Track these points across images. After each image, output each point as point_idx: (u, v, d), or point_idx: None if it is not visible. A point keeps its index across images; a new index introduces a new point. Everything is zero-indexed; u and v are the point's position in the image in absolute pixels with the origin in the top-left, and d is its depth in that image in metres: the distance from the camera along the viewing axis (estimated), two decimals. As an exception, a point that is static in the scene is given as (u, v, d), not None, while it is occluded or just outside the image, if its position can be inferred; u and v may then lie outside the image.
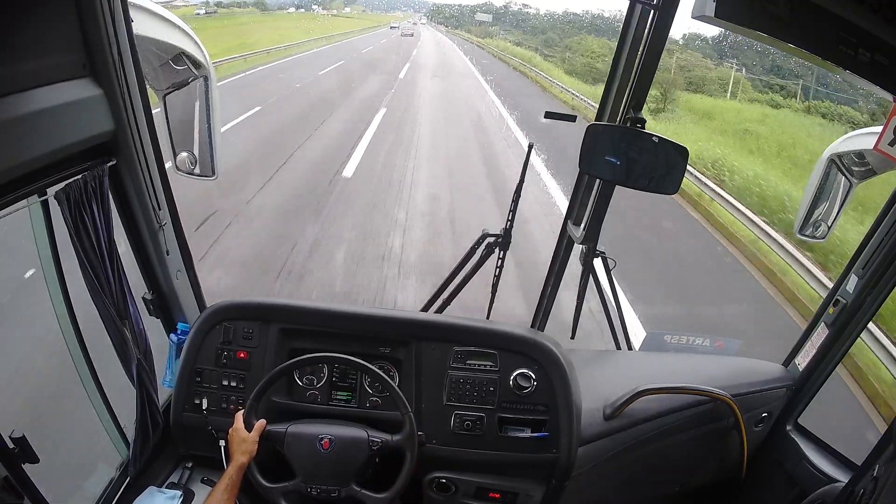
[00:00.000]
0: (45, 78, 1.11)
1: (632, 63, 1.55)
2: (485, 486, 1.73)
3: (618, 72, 1.61)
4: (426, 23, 46.58)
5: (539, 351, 1.69)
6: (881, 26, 1.01)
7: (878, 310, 1.71)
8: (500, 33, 35.53)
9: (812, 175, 2.00)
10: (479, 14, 38.41)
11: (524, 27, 35.33)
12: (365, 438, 1.55)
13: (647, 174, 1.49)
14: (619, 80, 1.61)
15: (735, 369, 2.03)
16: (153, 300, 1.68)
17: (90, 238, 1.32)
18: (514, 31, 35.25)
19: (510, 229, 1.91)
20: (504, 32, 35.40)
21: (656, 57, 1.47)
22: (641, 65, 1.48)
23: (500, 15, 37.41)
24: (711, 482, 2.03)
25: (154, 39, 1.41)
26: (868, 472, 1.34)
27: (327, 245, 5.43)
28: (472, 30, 39.07)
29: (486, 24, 37.40)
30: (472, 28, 39.48)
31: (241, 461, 1.48)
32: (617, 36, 1.63)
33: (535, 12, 37.07)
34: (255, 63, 16.26)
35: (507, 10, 37.38)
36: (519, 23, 36.26)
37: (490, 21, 37.04)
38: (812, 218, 2.02)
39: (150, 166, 1.47)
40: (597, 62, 19.88)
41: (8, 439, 1.18)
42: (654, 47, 1.45)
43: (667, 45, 1.47)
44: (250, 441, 1.51)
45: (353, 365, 1.60)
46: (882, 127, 1.32)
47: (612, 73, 1.64)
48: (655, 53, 1.46)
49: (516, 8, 37.30)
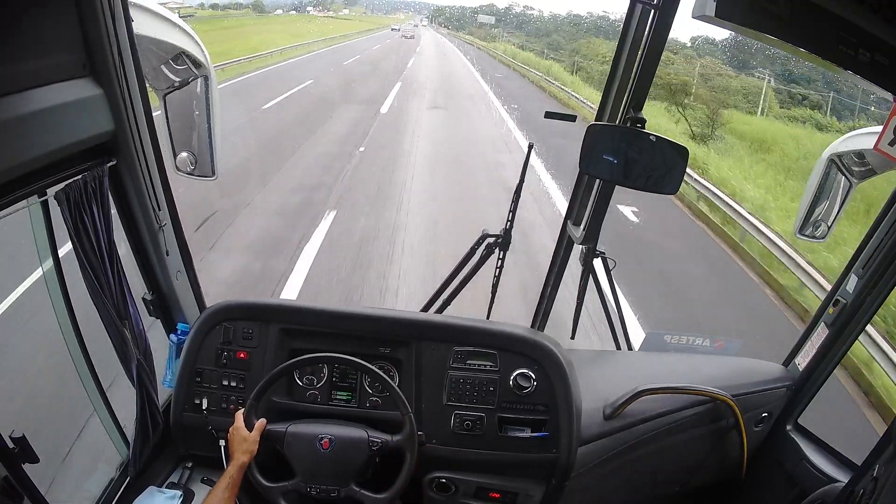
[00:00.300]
0: (45, 78, 1.11)
1: (632, 63, 1.55)
2: (485, 485, 1.72)
3: (618, 72, 1.61)
4: (427, 24, 45.54)
5: (539, 351, 1.69)
6: (881, 26, 1.01)
7: (878, 310, 1.71)
8: (503, 35, 34.44)
9: (812, 175, 2.00)
10: (481, 16, 37.50)
11: (528, 29, 34.48)
12: (365, 438, 1.55)
13: (646, 174, 1.49)
14: (619, 80, 1.61)
15: (735, 369, 2.03)
16: (153, 300, 1.68)
17: (90, 238, 1.32)
18: (517, 33, 34.34)
19: (510, 229, 1.91)
20: (507, 35, 34.47)
21: (656, 57, 1.47)
22: (641, 65, 1.48)
23: (502, 16, 36.61)
24: (711, 482, 2.03)
25: (154, 39, 1.41)
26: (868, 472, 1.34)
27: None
28: (474, 32, 37.91)
29: (488, 25, 36.41)
30: (475, 30, 38.33)
31: (241, 460, 1.48)
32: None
33: (538, 14, 36.31)
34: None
35: (510, 12, 36.67)
36: (522, 24, 35.47)
37: (493, 23, 36.13)
38: (812, 218, 2.02)
39: (150, 166, 1.47)
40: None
41: (8, 439, 1.18)
42: (654, 47, 1.45)
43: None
44: (251, 440, 1.50)
45: (353, 365, 1.60)
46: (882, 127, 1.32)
47: (612, 73, 1.64)
48: (655, 53, 1.46)
49: (519, 9, 36.60)
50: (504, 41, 33.29)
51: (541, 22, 34.49)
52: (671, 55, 16.38)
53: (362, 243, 5.48)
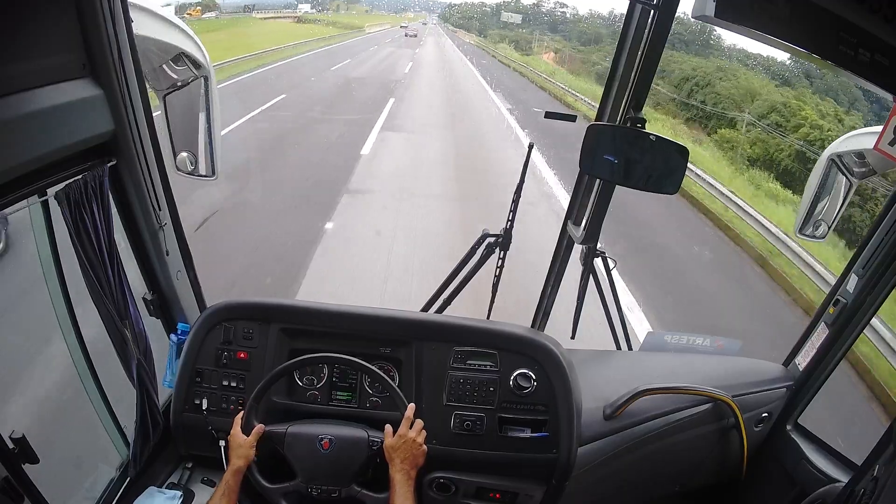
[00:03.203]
0: (46, 78, 1.11)
1: (632, 63, 1.55)
2: (485, 486, 1.73)
3: (618, 72, 1.61)
4: (436, 23, 38.22)
5: (539, 351, 1.69)
6: (881, 26, 1.01)
7: (878, 310, 1.71)
8: (535, 40, 27.65)
9: (812, 174, 2.00)
10: (505, 13, 31.45)
11: (564, 31, 28.01)
12: (365, 439, 1.55)
13: (647, 174, 1.49)
14: (619, 80, 1.61)
15: (735, 369, 2.03)
16: (153, 300, 1.68)
17: (90, 238, 1.32)
18: (552, 35, 27.87)
19: (510, 229, 1.91)
20: (540, 36, 28.18)
21: (656, 57, 1.47)
22: (641, 65, 1.48)
23: (530, 15, 30.47)
24: (711, 482, 2.03)
25: (154, 39, 1.41)
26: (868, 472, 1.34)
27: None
28: (505, 34, 30.67)
29: (514, 25, 30.31)
30: (495, 31, 31.07)
31: (237, 465, 1.49)
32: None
33: (573, 12, 29.97)
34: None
35: (539, 10, 30.60)
36: (556, 25, 28.96)
37: (519, 22, 30.14)
38: (812, 217, 2.02)
39: (151, 166, 1.47)
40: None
41: (8, 439, 1.18)
42: (654, 47, 1.45)
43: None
44: (247, 446, 1.51)
45: (353, 365, 1.60)
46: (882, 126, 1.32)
47: (612, 72, 1.64)
48: (655, 53, 1.46)
49: (549, 6, 30.46)
50: (541, 49, 25.79)
51: (584, 23, 27.38)
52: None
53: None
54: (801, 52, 1.11)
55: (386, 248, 5.64)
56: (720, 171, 10.24)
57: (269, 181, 7.24)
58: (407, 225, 6.30)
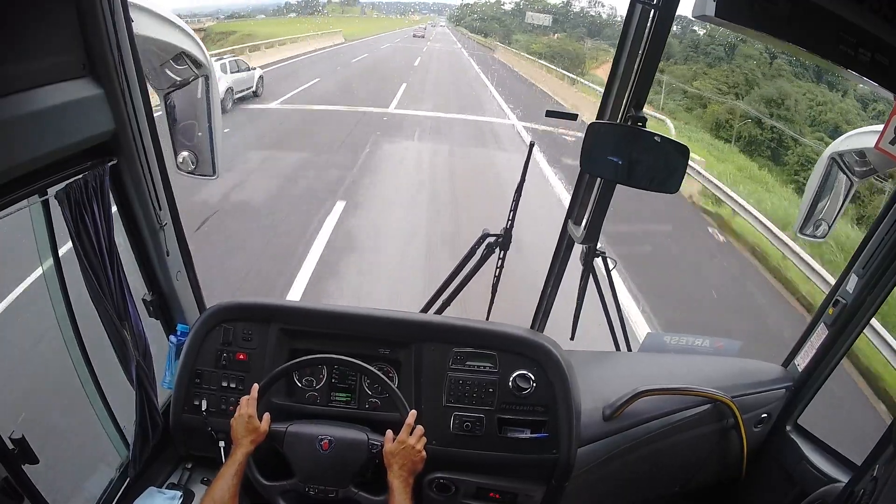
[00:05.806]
0: (46, 78, 1.11)
1: (632, 63, 1.55)
2: (485, 486, 1.72)
3: (618, 71, 1.61)
4: (445, 25, 32.63)
5: (538, 352, 1.68)
6: (881, 26, 1.01)
7: (878, 310, 1.71)
8: (588, 50, 22.24)
9: (812, 174, 2.00)
10: (531, 14, 26.72)
11: (604, 36, 23.65)
12: (365, 441, 1.55)
13: (648, 173, 1.48)
14: (620, 80, 1.61)
15: (734, 370, 2.02)
16: (153, 301, 1.68)
17: (90, 238, 1.31)
18: (588, 40, 23.70)
19: (510, 229, 1.91)
20: (577, 41, 23.63)
21: (656, 57, 1.47)
22: (641, 65, 1.48)
23: (559, 16, 26.48)
24: (711, 483, 2.03)
25: (154, 39, 1.41)
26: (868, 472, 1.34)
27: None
28: (531, 40, 24.94)
29: (543, 27, 26.10)
30: (520, 37, 26.29)
31: (249, 448, 1.47)
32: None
33: (610, 13, 25.31)
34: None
35: (569, 10, 26.24)
36: (593, 31, 24.66)
37: (549, 25, 25.77)
38: (813, 217, 2.02)
39: (151, 166, 1.47)
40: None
41: (8, 440, 1.18)
42: (654, 47, 1.45)
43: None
44: (261, 431, 1.49)
45: (352, 366, 1.60)
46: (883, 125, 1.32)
47: (612, 72, 1.64)
48: (655, 53, 1.46)
49: (580, 6, 26.12)
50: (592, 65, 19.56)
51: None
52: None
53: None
54: (801, 52, 1.11)
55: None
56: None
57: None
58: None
